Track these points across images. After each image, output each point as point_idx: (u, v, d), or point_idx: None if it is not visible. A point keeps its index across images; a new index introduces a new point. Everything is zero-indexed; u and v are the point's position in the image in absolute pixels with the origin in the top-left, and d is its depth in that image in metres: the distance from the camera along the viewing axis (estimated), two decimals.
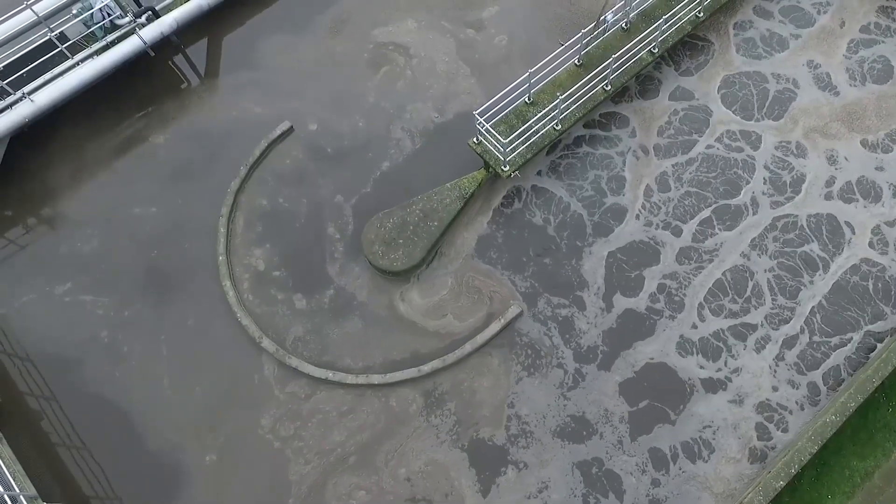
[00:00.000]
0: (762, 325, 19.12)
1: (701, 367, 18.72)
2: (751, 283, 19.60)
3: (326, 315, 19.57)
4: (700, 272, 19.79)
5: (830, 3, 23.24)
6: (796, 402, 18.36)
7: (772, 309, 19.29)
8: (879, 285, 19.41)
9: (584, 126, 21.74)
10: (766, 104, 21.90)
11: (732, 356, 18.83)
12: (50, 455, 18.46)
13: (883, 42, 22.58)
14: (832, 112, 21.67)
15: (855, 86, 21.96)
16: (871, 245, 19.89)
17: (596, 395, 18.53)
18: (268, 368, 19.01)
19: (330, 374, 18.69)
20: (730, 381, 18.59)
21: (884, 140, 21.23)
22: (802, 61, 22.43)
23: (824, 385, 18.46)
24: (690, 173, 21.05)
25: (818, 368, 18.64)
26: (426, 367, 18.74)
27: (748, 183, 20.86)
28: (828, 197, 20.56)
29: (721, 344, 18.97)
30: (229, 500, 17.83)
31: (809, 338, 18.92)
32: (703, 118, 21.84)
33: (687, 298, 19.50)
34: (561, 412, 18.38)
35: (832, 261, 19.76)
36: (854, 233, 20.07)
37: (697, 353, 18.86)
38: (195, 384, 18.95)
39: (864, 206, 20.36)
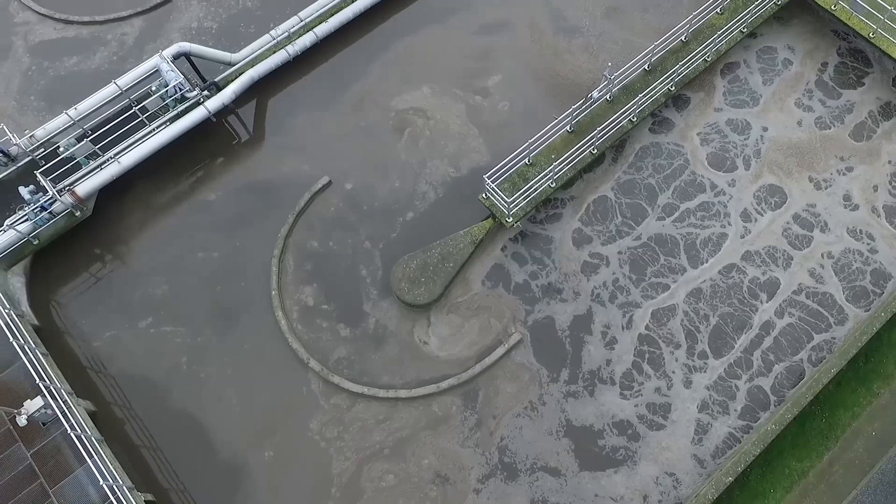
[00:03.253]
0: None
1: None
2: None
3: (364, 341, 23.69)
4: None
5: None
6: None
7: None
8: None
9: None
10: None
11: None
12: (136, 455, 22.57)
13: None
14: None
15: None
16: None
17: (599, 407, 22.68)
18: (314, 384, 23.16)
19: (365, 390, 22.85)
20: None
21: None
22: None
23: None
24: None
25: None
26: (444, 384, 22.91)
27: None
28: None
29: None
30: (283, 488, 21.90)
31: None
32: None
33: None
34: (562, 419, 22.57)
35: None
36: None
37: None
38: (254, 396, 23.10)
39: None
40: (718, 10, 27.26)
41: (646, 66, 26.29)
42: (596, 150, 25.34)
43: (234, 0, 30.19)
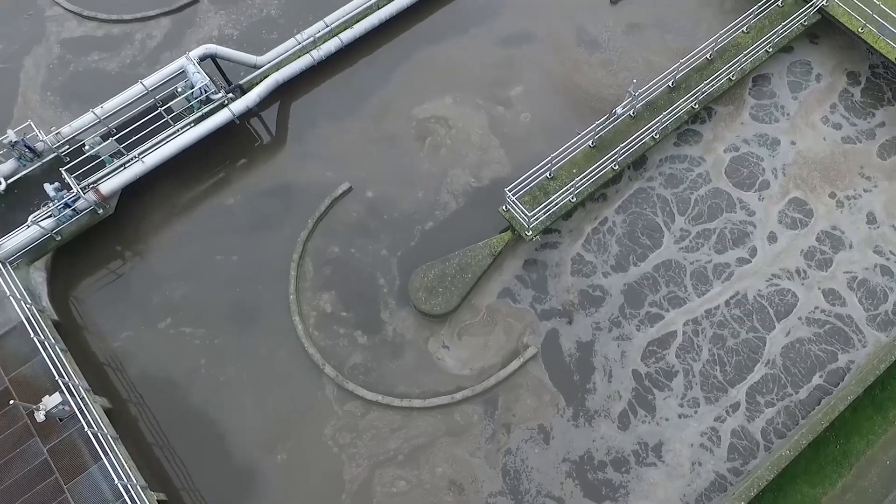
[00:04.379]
0: None
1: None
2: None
3: (380, 349, 23.76)
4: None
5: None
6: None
7: None
8: None
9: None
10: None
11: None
12: (149, 453, 22.73)
13: None
14: None
15: None
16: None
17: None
18: (329, 390, 23.25)
19: (380, 398, 22.92)
20: None
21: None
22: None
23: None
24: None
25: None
26: (458, 395, 22.95)
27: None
28: None
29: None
30: (294, 492, 21.99)
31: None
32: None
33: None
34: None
35: None
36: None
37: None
38: (269, 399, 23.22)
39: None
40: (745, 28, 27.18)
41: (670, 84, 26.27)
42: (617, 167, 25.32)
43: (256, 8, 30.33)
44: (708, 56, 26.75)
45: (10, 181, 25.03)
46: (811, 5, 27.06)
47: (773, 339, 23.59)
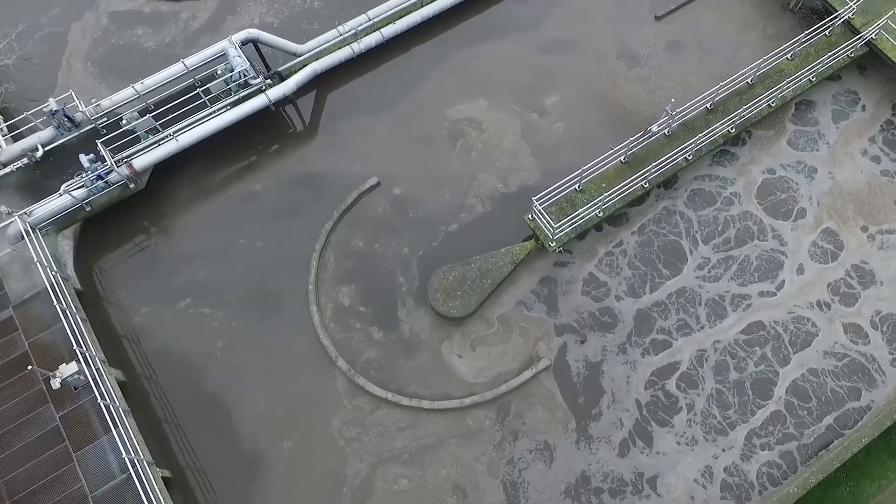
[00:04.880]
0: None
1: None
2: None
3: (395, 347, 23.79)
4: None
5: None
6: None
7: None
8: None
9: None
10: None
11: None
12: (158, 429, 22.98)
13: None
14: None
15: None
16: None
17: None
18: (339, 383, 23.34)
19: (389, 395, 22.97)
20: None
21: None
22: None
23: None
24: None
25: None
26: (467, 400, 22.92)
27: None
28: None
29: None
30: (296, 480, 22.13)
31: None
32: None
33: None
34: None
35: None
36: None
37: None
38: (280, 386, 23.36)
39: None
40: (789, 55, 26.78)
41: (708, 105, 25.96)
42: (648, 185, 25.09)
43: None
44: (749, 80, 26.39)
45: (46, 149, 25.42)
46: (860, 38, 26.58)
47: (787, 373, 23.26)
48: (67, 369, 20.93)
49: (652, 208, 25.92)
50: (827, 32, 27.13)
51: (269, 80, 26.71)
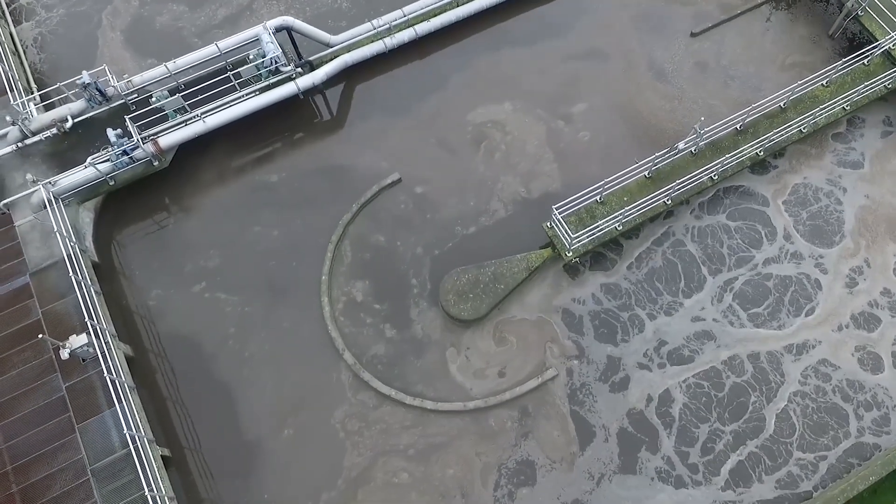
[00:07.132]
0: None
1: None
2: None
3: (403, 345, 23.73)
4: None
5: None
6: None
7: None
8: None
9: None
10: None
11: None
12: (161, 408, 23.12)
13: None
14: None
15: None
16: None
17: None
18: (345, 376, 23.33)
19: (393, 393, 22.92)
20: None
21: None
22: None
23: None
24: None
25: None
26: (470, 404, 22.81)
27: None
28: None
29: None
30: (294, 466, 22.17)
31: None
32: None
33: None
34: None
35: None
36: None
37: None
38: (286, 374, 23.42)
39: None
40: (824, 81, 26.38)
41: (738, 126, 25.63)
42: (670, 201, 24.82)
43: None
44: (782, 104, 26.02)
45: (76, 120, 25.69)
46: None
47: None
48: (77, 341, 21.11)
49: (678, 221, 25.55)
50: (866, 62, 26.68)
51: (299, 69, 26.78)
